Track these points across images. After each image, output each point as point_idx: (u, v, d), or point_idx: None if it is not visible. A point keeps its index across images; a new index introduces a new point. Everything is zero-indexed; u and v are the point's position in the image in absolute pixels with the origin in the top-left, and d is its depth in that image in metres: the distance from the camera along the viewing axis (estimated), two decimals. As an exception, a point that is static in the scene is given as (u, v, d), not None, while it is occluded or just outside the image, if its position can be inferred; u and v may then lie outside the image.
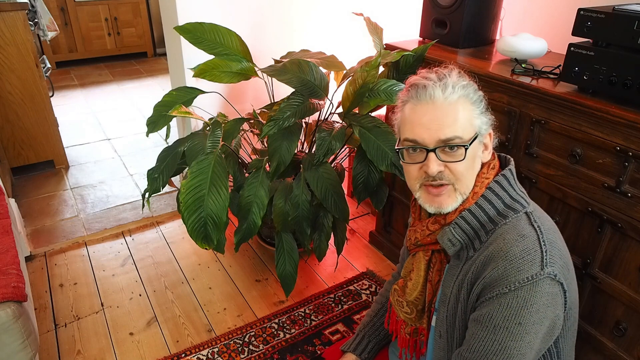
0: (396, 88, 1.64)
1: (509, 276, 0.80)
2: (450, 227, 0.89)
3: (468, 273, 0.88)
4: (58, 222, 2.42)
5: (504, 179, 0.90)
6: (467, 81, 0.90)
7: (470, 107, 0.88)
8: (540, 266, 0.79)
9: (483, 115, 0.90)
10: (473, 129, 0.87)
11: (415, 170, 0.90)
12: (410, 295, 1.00)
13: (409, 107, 0.89)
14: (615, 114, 1.11)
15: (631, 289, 1.20)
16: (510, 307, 0.79)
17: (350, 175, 2.18)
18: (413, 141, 0.88)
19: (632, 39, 1.07)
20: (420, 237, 0.96)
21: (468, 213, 0.88)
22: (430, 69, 0.91)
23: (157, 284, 2.01)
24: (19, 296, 1.25)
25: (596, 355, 1.32)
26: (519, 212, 0.87)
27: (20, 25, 2.48)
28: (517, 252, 0.81)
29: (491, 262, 0.83)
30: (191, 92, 1.80)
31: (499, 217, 0.87)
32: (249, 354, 1.66)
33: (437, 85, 0.86)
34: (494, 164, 0.93)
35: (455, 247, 0.89)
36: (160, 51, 5.39)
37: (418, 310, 1.00)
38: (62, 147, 2.91)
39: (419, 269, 0.98)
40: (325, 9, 2.37)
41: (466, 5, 1.62)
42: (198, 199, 1.49)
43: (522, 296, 0.79)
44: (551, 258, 0.81)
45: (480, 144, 0.90)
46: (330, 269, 2.10)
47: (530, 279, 0.78)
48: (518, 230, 0.84)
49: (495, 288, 0.81)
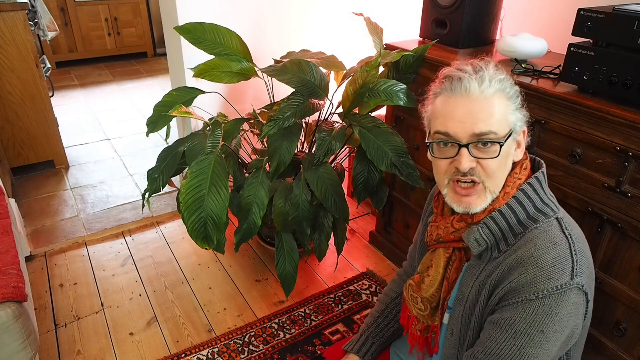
0: (396, 88, 1.64)
1: (537, 283, 0.78)
2: (478, 227, 0.86)
3: (492, 274, 0.86)
4: (58, 222, 2.42)
5: (537, 181, 0.87)
6: (504, 75, 0.86)
7: (506, 102, 0.84)
8: (570, 276, 0.78)
9: (518, 112, 0.86)
10: (508, 125, 0.84)
11: (445, 165, 0.87)
12: (426, 292, 0.98)
13: (442, 99, 0.86)
14: (615, 114, 1.11)
15: (631, 289, 1.20)
16: (535, 314, 0.78)
17: (350, 175, 2.17)
18: (445, 134, 0.84)
19: (632, 39, 1.07)
20: (443, 234, 0.93)
21: (498, 214, 0.85)
22: (466, 61, 0.87)
23: (157, 284, 2.01)
24: (19, 296, 1.25)
25: (596, 356, 1.32)
26: (550, 217, 0.85)
27: (20, 25, 2.48)
28: (549, 259, 0.79)
29: (520, 266, 0.81)
30: (191, 92, 1.80)
31: (529, 220, 0.85)
32: (249, 354, 1.66)
33: (473, 78, 0.82)
34: (526, 164, 0.90)
35: (480, 247, 0.87)
36: (160, 51, 5.39)
37: (432, 307, 0.98)
38: (62, 147, 2.91)
39: (438, 265, 0.96)
40: (325, 9, 2.37)
41: (466, 5, 1.62)
42: (198, 199, 1.49)
43: (549, 304, 0.77)
44: (580, 268, 0.79)
45: (514, 142, 0.87)
46: (330, 269, 2.10)
47: (560, 287, 0.77)
48: (550, 236, 0.82)
49: (521, 293, 0.79)
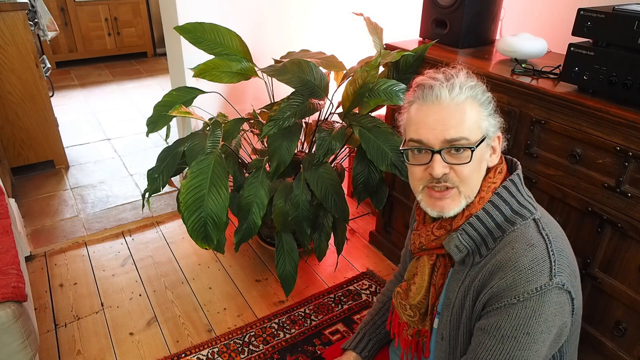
0: (396, 88, 1.64)
1: (517, 287, 0.78)
2: (457, 233, 0.87)
3: (475, 280, 0.86)
4: (58, 222, 2.42)
5: (512, 184, 0.88)
6: (475, 82, 0.87)
7: (478, 109, 0.85)
8: (548, 276, 0.78)
9: (491, 117, 0.87)
10: (480, 131, 0.85)
11: (420, 172, 0.88)
12: (413, 299, 0.99)
13: (415, 108, 0.87)
14: (615, 114, 1.11)
15: (631, 289, 1.20)
16: (518, 318, 0.78)
17: (350, 175, 2.17)
18: (418, 141, 0.86)
19: (632, 39, 1.07)
20: (425, 242, 0.95)
21: (475, 219, 0.86)
22: (437, 69, 0.89)
23: (157, 284, 2.01)
24: (19, 296, 1.25)
25: (596, 356, 1.32)
26: (527, 218, 0.85)
27: (20, 25, 2.48)
28: (526, 262, 0.79)
29: (499, 271, 0.82)
30: (191, 92, 1.79)
31: (507, 223, 0.85)
32: (249, 354, 1.66)
33: (444, 86, 0.84)
34: (502, 168, 0.91)
35: (461, 254, 0.88)
36: (160, 51, 5.39)
37: (421, 313, 0.99)
38: (62, 147, 2.91)
39: (423, 273, 0.97)
40: (325, 9, 2.37)
41: (466, 5, 1.62)
42: (198, 199, 1.49)
43: (531, 306, 0.78)
44: (559, 267, 0.79)
45: (488, 147, 0.88)
46: (330, 269, 2.10)
47: (540, 289, 0.77)
48: (527, 238, 0.82)
49: (503, 298, 0.80)
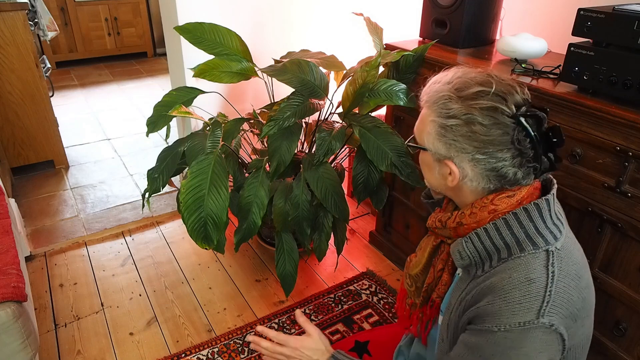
0: (396, 88, 1.64)
1: (501, 316, 0.76)
2: (463, 240, 0.86)
3: (469, 293, 0.85)
4: (58, 222, 2.42)
5: (535, 208, 0.81)
6: (466, 112, 0.80)
7: (434, 125, 0.83)
8: (535, 315, 0.75)
9: (440, 143, 0.83)
10: (423, 142, 0.87)
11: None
12: (412, 270, 1.01)
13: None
14: (615, 114, 1.11)
15: (631, 289, 1.20)
16: (498, 345, 0.77)
17: (350, 175, 2.17)
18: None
19: (632, 39, 1.07)
20: (431, 224, 0.96)
21: (483, 231, 0.83)
22: (489, 76, 0.83)
23: (157, 284, 2.01)
24: (19, 296, 1.25)
25: (596, 356, 1.32)
26: (539, 248, 0.79)
27: (20, 25, 2.48)
28: (517, 296, 0.76)
29: (490, 294, 0.80)
30: (191, 92, 1.79)
31: (516, 247, 0.81)
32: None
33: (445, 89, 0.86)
34: (509, 194, 0.83)
35: (463, 261, 0.86)
36: (160, 51, 5.39)
37: (417, 286, 1.01)
38: (62, 147, 2.91)
39: (425, 249, 0.99)
40: (325, 9, 2.37)
41: (466, 5, 1.62)
42: (198, 199, 1.49)
43: (512, 338, 0.76)
44: (552, 308, 0.76)
45: (438, 163, 0.86)
46: (330, 269, 2.10)
47: (522, 324, 0.75)
48: (528, 271, 0.78)
49: (485, 322, 0.78)
